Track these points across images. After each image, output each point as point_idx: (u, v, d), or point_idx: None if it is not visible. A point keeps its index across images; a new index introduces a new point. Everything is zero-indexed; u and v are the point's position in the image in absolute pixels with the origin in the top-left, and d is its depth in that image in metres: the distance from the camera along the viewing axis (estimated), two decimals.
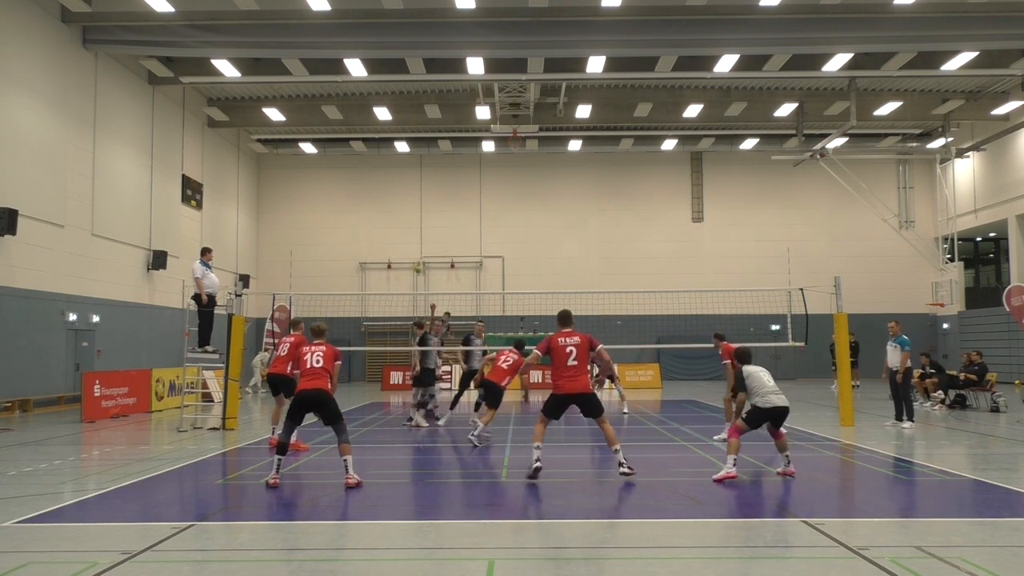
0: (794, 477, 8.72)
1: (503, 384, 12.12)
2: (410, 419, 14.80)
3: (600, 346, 8.98)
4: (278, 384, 11.60)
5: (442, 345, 15.78)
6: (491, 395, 12.31)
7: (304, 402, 8.65)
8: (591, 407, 8.76)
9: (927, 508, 7.83)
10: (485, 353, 15.30)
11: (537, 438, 8.70)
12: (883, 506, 7.74)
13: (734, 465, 8.57)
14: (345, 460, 8.42)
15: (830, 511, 7.46)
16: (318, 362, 8.85)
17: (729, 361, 11.41)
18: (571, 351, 8.64)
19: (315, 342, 9.23)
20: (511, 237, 33.31)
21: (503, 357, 12.57)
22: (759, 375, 8.92)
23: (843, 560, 5.53)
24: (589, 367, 12.79)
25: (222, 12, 19.74)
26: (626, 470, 8.54)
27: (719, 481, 8.43)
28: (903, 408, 14.23)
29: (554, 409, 8.82)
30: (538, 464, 8.54)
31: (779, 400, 8.75)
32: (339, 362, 9.09)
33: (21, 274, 18.16)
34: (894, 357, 14.41)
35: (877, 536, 6.37)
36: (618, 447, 8.64)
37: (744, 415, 8.87)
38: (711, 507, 7.45)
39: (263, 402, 21.96)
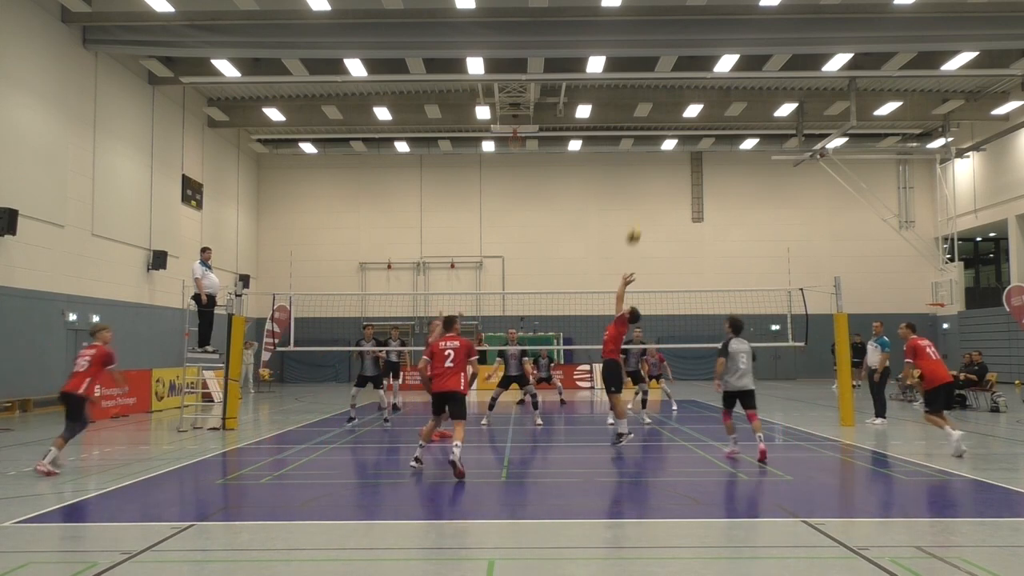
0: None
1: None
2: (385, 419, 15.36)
3: (475, 356, 9.85)
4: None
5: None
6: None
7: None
8: (455, 406, 9.35)
9: (927, 508, 7.81)
10: (524, 355, 15.90)
11: (423, 436, 9.55)
12: (883, 506, 7.74)
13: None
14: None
15: (830, 511, 7.45)
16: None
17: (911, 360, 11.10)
18: (449, 353, 9.45)
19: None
20: (511, 237, 33.29)
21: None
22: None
23: (843, 560, 5.53)
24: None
25: (222, 12, 19.73)
26: (457, 467, 8.75)
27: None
28: (883, 406, 14.61)
29: (434, 406, 9.54)
30: (414, 464, 9.35)
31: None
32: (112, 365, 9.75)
33: (21, 274, 18.16)
34: (874, 357, 14.81)
35: (877, 536, 6.37)
36: (460, 444, 8.90)
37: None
38: (711, 507, 7.45)
39: (262, 401, 21.97)
